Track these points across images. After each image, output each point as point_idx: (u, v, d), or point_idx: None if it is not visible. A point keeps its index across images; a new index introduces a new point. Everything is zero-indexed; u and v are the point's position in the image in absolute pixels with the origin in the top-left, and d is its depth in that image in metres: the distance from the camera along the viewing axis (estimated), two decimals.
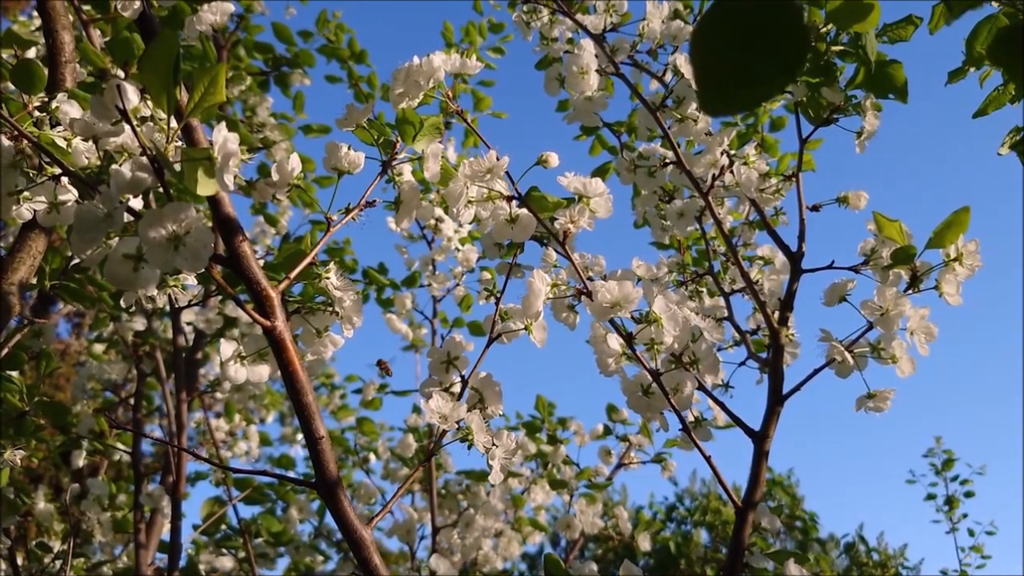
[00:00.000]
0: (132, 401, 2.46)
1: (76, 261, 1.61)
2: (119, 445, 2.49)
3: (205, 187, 0.83)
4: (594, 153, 2.57)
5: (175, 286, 1.06)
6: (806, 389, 1.32)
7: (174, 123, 0.83)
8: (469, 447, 1.14)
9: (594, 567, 1.24)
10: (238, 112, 2.87)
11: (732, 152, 1.54)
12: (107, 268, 0.87)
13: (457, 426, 1.11)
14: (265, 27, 2.93)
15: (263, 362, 1.14)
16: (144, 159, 0.81)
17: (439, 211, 2.66)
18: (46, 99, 1.13)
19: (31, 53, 1.86)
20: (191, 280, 1.08)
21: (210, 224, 0.88)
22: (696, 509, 9.51)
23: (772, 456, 1.34)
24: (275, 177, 1.10)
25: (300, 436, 3.54)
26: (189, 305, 2.10)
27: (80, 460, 2.79)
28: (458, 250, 2.62)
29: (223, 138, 0.80)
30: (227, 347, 1.14)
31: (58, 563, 2.51)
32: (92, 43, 1.63)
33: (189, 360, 2.29)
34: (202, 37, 2.01)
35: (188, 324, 2.21)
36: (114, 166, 0.83)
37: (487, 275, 2.62)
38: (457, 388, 1.20)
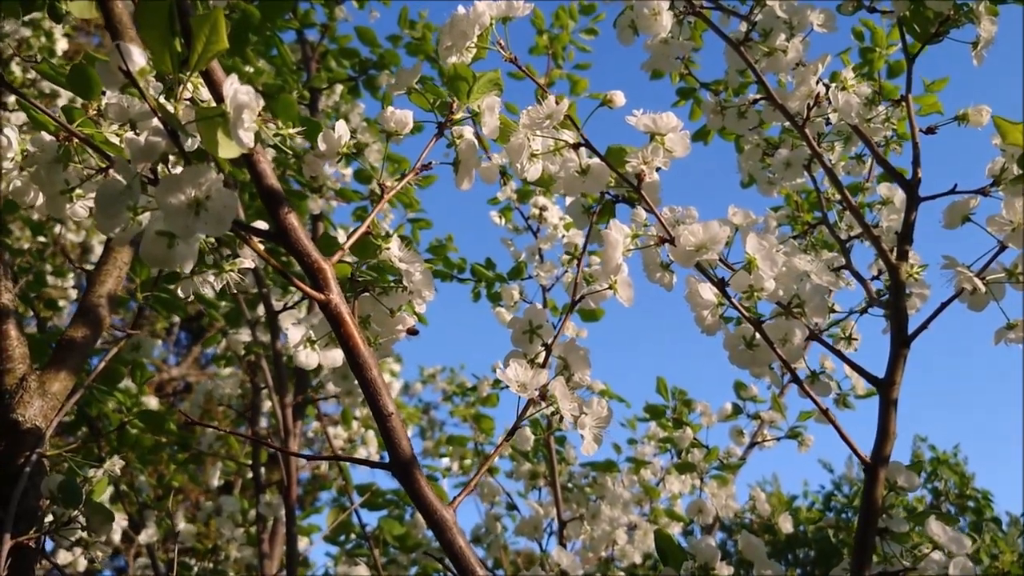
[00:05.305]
0: (249, 414, 2.48)
1: (165, 271, 1.61)
2: (249, 462, 2.53)
3: (226, 149, 0.78)
4: (694, 118, 2.44)
5: (231, 271, 1.01)
6: (962, 365, 1.17)
7: (181, 79, 0.78)
8: (560, 419, 1.05)
9: (711, 541, 1.13)
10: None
11: (828, 82, 1.40)
12: (142, 248, 0.83)
13: (538, 393, 1.02)
14: (352, 36, 2.93)
15: (335, 347, 1.09)
16: (157, 122, 0.77)
17: (543, 199, 2.59)
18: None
19: None
20: (248, 263, 1.03)
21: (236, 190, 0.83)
22: (855, 495, 9.04)
23: (934, 432, 1.19)
24: (322, 147, 1.05)
25: None
26: (285, 308, 2.09)
27: (215, 479, 2.84)
28: (563, 236, 2.53)
29: (233, 90, 0.75)
30: (295, 332, 1.10)
31: None
32: None
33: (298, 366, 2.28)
34: (278, 43, 2.01)
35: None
36: (128, 134, 0.79)
37: (595, 259, 2.53)
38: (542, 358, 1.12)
